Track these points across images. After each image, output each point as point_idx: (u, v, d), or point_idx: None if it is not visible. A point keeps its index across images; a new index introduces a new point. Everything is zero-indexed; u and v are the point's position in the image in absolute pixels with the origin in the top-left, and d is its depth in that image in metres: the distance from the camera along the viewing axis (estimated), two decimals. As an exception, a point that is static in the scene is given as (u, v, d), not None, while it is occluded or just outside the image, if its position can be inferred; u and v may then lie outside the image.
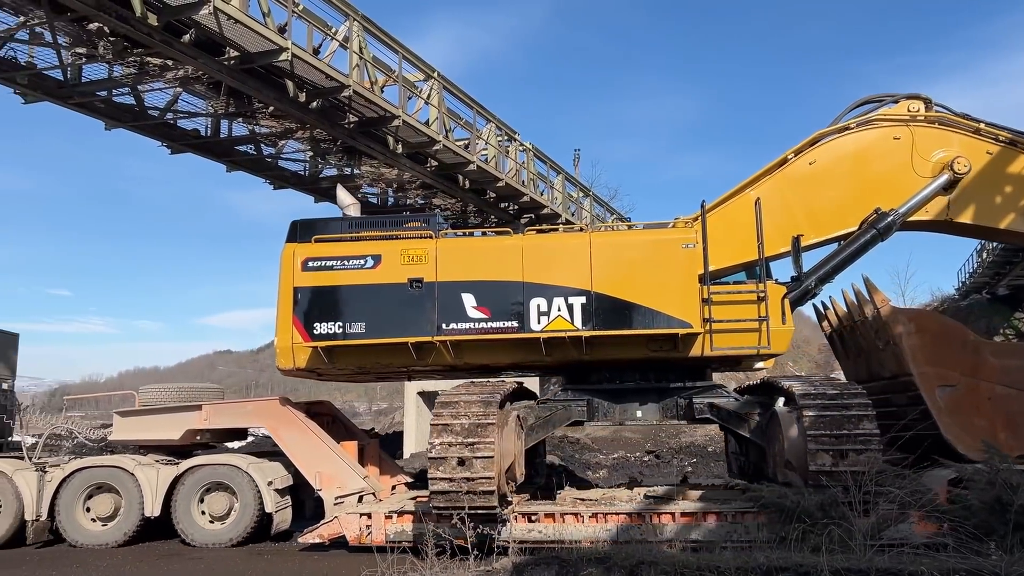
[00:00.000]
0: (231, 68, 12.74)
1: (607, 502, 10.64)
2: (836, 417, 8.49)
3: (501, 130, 20.26)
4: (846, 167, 11.38)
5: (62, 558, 10.58)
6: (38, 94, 13.71)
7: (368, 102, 14.78)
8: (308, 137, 15.97)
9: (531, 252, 10.44)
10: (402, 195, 19.67)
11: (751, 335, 10.03)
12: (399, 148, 16.52)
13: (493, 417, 8.90)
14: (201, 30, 11.79)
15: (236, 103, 14.68)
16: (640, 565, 7.24)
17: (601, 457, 22.59)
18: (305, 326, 10.52)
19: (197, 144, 16.53)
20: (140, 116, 15.16)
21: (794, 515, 8.21)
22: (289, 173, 18.80)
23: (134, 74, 13.24)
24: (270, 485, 11.29)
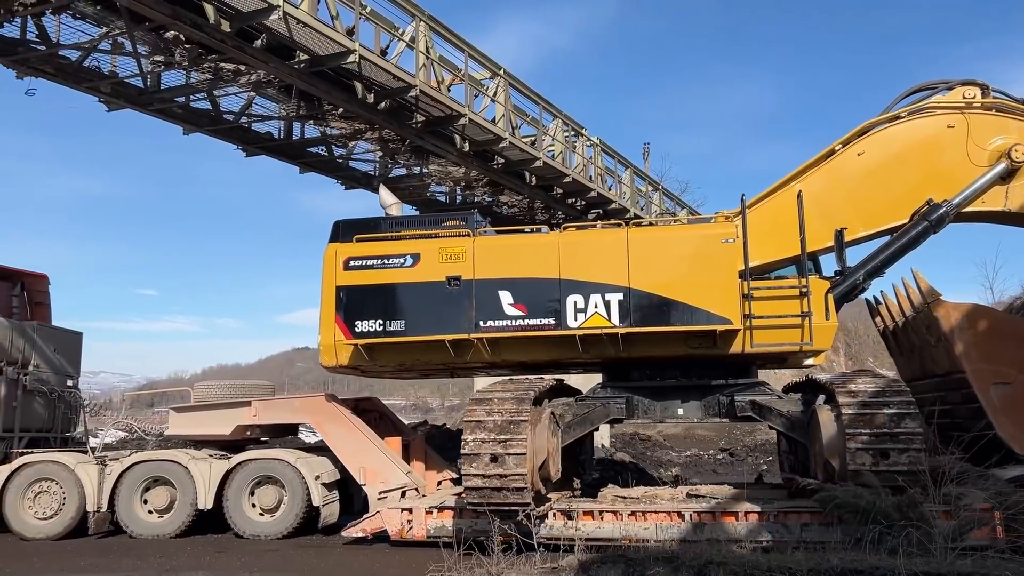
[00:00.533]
0: (301, 71, 13.04)
1: (647, 500, 10.57)
2: (876, 415, 8.24)
3: (568, 125, 20.18)
4: (897, 157, 11.01)
5: (121, 548, 11.03)
6: (120, 102, 14.27)
7: (435, 101, 14.92)
8: (377, 138, 16.17)
9: (567, 249, 10.42)
10: (469, 193, 19.82)
11: (793, 331, 9.80)
12: (466, 146, 16.63)
13: (526, 414, 8.93)
14: (272, 35, 12.09)
15: (307, 106, 15.03)
16: (708, 565, 7.12)
17: (673, 455, 22.38)
18: (347, 324, 10.72)
19: (271, 146, 16.98)
20: (216, 120, 15.63)
21: (870, 516, 7.98)
22: (360, 173, 19.15)
23: (209, 80, 13.68)
24: (317, 479, 11.54)
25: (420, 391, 78.09)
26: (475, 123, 16.01)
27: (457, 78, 16.14)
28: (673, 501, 10.40)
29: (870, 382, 8.84)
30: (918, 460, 8.06)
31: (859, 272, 10.79)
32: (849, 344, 37.12)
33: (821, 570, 6.74)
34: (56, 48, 12.50)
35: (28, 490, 11.82)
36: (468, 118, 15.66)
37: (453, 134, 16.29)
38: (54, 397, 13.01)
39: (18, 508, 11.75)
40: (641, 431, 23.31)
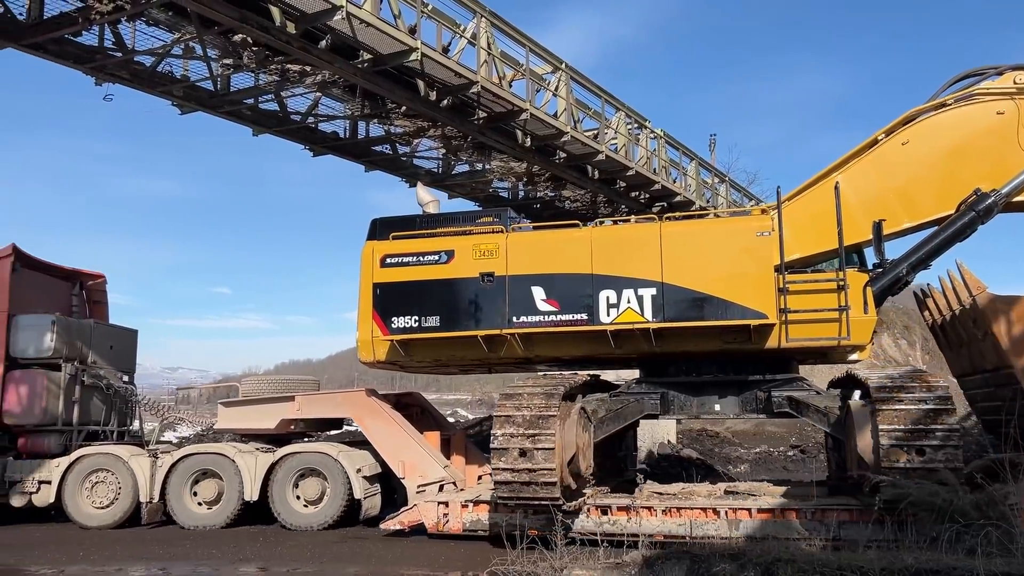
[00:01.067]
0: (365, 71, 13.24)
1: (684, 497, 10.50)
2: (912, 411, 8.03)
3: (631, 118, 20.02)
4: (943, 146, 10.67)
5: (171, 538, 11.44)
6: (192, 105, 14.74)
7: (496, 97, 15.00)
8: (440, 135, 16.33)
9: (600, 244, 10.39)
10: (531, 188, 19.91)
11: (830, 326, 9.60)
12: (527, 141, 16.70)
13: (555, 409, 8.96)
14: (336, 35, 12.33)
15: (371, 105, 15.29)
16: (776, 563, 7.00)
17: (742, 451, 21.98)
18: (383, 320, 10.91)
19: (337, 146, 17.30)
20: (284, 121, 16.00)
21: (946, 515, 7.75)
22: (423, 170, 19.39)
23: (276, 81, 14.02)
24: (359, 472, 11.76)
25: (486, 387, 78.47)
26: (537, 118, 16.02)
27: (519, 73, 16.16)
28: (710, 498, 10.32)
29: (907, 377, 8.61)
30: (955, 457, 7.82)
31: (903, 265, 10.51)
32: (927, 338, 35.96)
33: (894, 569, 6.54)
34: (131, 54, 12.98)
35: (86, 480, 12.33)
36: (530, 113, 15.68)
37: (515, 129, 16.35)
38: (110, 392, 13.54)
39: (77, 497, 12.28)
40: (708, 427, 22.92)
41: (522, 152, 17.08)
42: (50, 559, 10.03)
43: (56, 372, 12.73)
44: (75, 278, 14.46)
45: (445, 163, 19.14)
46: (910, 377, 8.59)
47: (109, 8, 11.00)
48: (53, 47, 12.27)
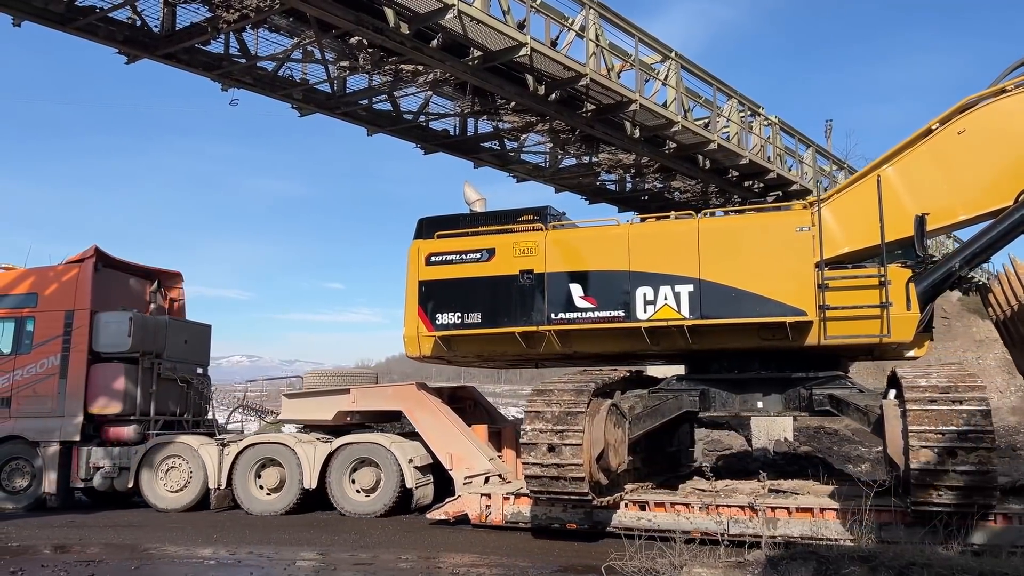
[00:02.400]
0: (475, 68, 13.57)
1: (726, 494, 10.46)
2: (944, 412, 7.78)
3: (743, 105, 19.77)
4: (1001, 135, 10.17)
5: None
6: (311, 107, 15.40)
7: (605, 89, 15.08)
8: (548, 129, 16.51)
9: (637, 241, 10.43)
10: (639, 180, 19.95)
11: (871, 323, 9.36)
12: (636, 132, 16.74)
13: (583, 406, 9.09)
14: (447, 34, 12.70)
15: (480, 101, 15.61)
16: (910, 567, 6.86)
17: (863, 450, 21.36)
18: (429, 316, 11.24)
19: (447, 143, 17.74)
20: (397, 120, 16.53)
21: None
22: (531, 166, 19.70)
23: (390, 81, 14.52)
24: (410, 462, 12.17)
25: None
26: (646, 108, 16.01)
27: (627, 64, 16.20)
28: (750, 496, 10.24)
29: (943, 376, 8.33)
30: (988, 460, 7.55)
31: (956, 259, 10.14)
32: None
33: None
34: (255, 60, 13.71)
35: (161, 466, 13.19)
36: (639, 104, 15.68)
37: (623, 121, 16.40)
38: (184, 384, 14.41)
39: (152, 482, 13.16)
40: (826, 424, 22.35)
41: (630, 143, 17.11)
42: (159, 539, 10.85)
43: (134, 365, 13.63)
44: (154, 277, 15.40)
45: (552, 157, 19.36)
46: (946, 376, 8.31)
47: (235, 17, 11.71)
48: (184, 56, 13.05)
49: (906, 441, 7.91)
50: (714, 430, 20.39)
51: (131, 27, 12.30)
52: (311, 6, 11.42)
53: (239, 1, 11.42)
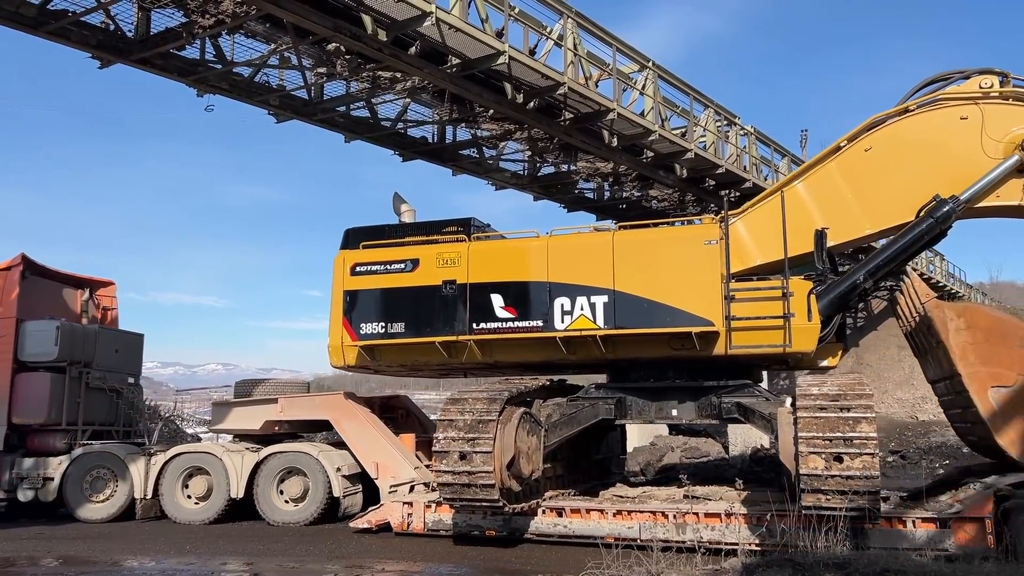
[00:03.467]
0: (453, 75, 13.66)
1: (641, 500, 10.72)
2: (831, 419, 8.11)
3: (720, 115, 20.07)
4: (906, 152, 10.63)
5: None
6: (288, 113, 15.39)
7: (583, 98, 15.25)
8: (526, 137, 16.66)
9: (556, 252, 10.68)
10: (618, 188, 20.13)
11: (774, 333, 9.70)
12: (614, 141, 16.91)
13: (495, 414, 9.28)
14: (425, 41, 12.77)
15: (459, 109, 15.75)
16: (885, 573, 7.01)
17: None
18: (353, 326, 11.37)
19: (425, 151, 17.82)
20: (375, 127, 16.56)
21: None
22: (509, 174, 19.79)
23: (368, 88, 14.51)
24: (338, 471, 12.26)
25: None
26: (623, 117, 16.20)
27: (605, 73, 16.39)
28: (663, 501, 10.52)
29: (835, 384, 8.68)
30: (872, 466, 7.88)
31: (860, 272, 10.53)
32: None
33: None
34: (231, 65, 13.65)
35: (86, 476, 13.09)
36: (616, 112, 15.87)
37: (601, 129, 16.58)
38: (114, 394, 14.32)
39: (77, 492, 13.05)
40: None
41: (608, 152, 17.31)
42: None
43: (61, 375, 13.52)
44: (85, 285, 15.29)
45: (531, 165, 19.53)
46: (838, 385, 8.65)
47: (211, 22, 11.69)
48: (159, 61, 13.01)
49: (796, 447, 8.22)
50: (692, 437, 20.67)
51: (104, 31, 12.28)
52: (288, 12, 11.50)
53: (215, 6, 11.45)
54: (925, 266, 37.15)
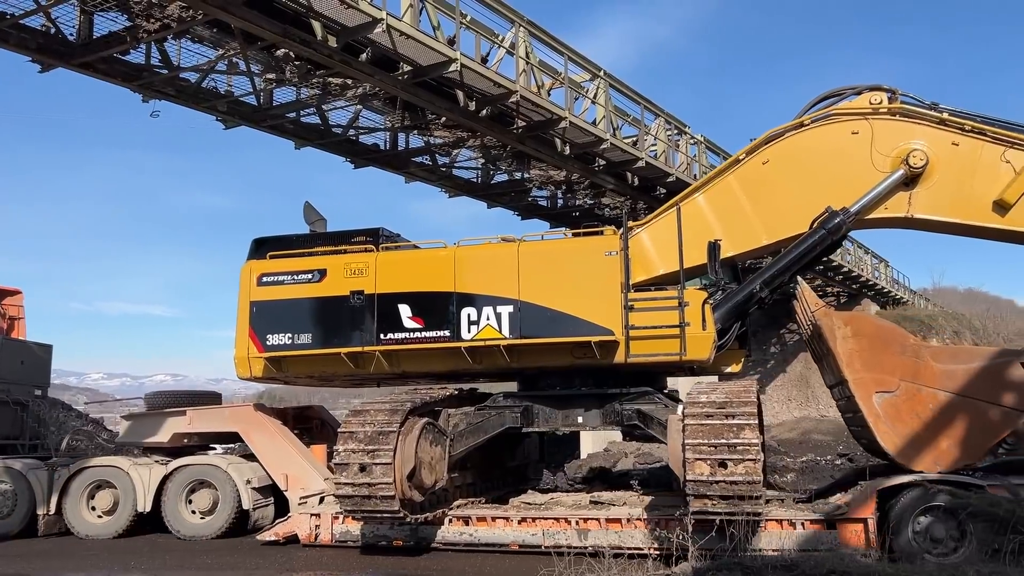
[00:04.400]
0: (405, 83, 13.58)
1: (548, 507, 10.86)
2: (717, 425, 8.37)
3: (670, 124, 20.27)
4: (800, 165, 11.02)
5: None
6: (236, 119, 15.16)
7: (535, 106, 15.29)
8: (479, 145, 16.70)
9: (463, 263, 10.76)
10: (571, 196, 20.19)
11: (670, 342, 9.94)
12: (566, 150, 16.99)
13: (395, 425, 9.32)
14: (376, 48, 12.66)
15: (411, 116, 15.66)
16: (831, 574, 7.15)
17: (788, 460, 22.02)
18: (259, 337, 11.27)
19: (378, 158, 17.73)
20: (325, 134, 16.41)
21: (1009, 525, 7.85)
22: (463, 181, 19.78)
23: (318, 95, 14.43)
24: (248, 484, 12.12)
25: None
26: (576, 126, 16.35)
27: (557, 82, 16.47)
28: (569, 508, 10.68)
29: (723, 392, 8.95)
30: (754, 471, 8.15)
31: (756, 281, 10.87)
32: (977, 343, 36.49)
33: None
34: (177, 71, 13.42)
35: (-16, 493, 12.69)
36: (568, 121, 16.01)
37: (554, 138, 16.72)
38: (19, 407, 13.92)
39: (-25, 510, 12.65)
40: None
41: (561, 160, 17.44)
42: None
43: (-41, 387, 13.11)
44: (-11, 295, 14.86)
45: (484, 173, 19.56)
46: (726, 392, 8.92)
47: (156, 27, 11.50)
48: (102, 66, 12.71)
49: (684, 453, 8.45)
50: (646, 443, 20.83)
51: (45, 35, 11.98)
52: (236, 17, 11.35)
53: (160, 10, 11.31)
54: (870, 272, 38.20)
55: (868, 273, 37.84)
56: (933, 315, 44.19)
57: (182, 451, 13.22)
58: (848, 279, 35.97)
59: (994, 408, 9.34)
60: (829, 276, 34.46)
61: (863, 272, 36.80)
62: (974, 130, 10.46)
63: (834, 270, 33.48)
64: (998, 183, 10.29)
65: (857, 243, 34.64)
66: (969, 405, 9.41)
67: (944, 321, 41.26)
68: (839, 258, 32.28)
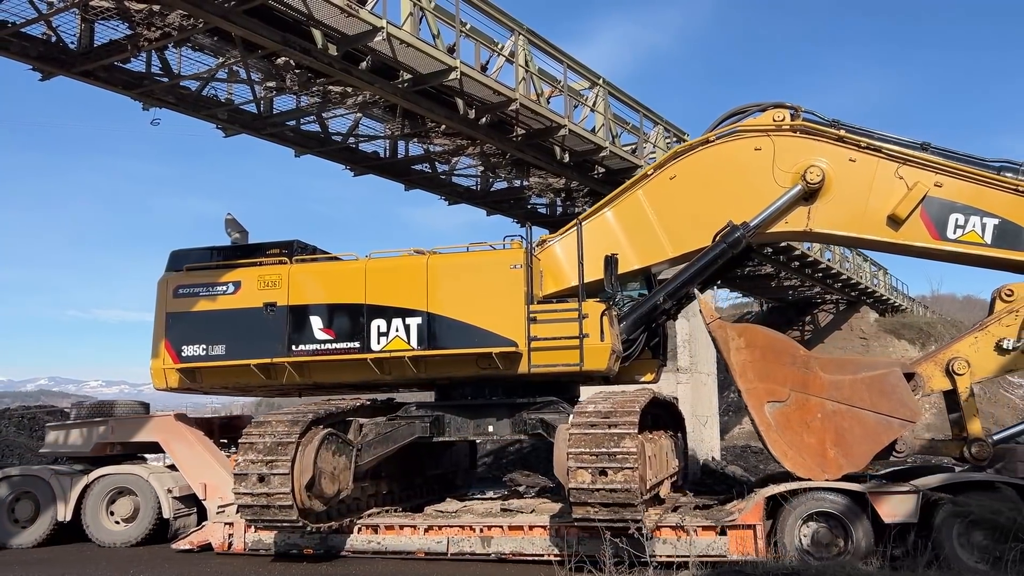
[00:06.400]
0: (405, 90, 13.64)
1: (458, 515, 11.08)
2: (599, 435, 8.62)
3: (669, 131, 20.37)
4: (705, 180, 11.32)
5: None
6: (236, 127, 15.10)
7: (534, 114, 15.36)
8: (479, 152, 16.70)
9: (373, 275, 10.95)
10: (570, 204, 20.26)
11: (570, 352, 10.19)
12: (565, 157, 17.07)
13: (295, 436, 9.50)
14: (376, 56, 12.72)
15: (411, 124, 15.65)
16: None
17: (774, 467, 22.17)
18: (175, 349, 11.40)
19: (377, 165, 17.74)
20: (325, 142, 16.39)
21: (1010, 533, 7.91)
22: (462, 188, 19.78)
23: (318, 103, 14.42)
24: (169, 493, 12.26)
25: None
26: (575, 134, 16.41)
27: (556, 90, 16.55)
28: (480, 516, 10.90)
29: (609, 402, 9.21)
30: (631, 479, 8.41)
31: (660, 293, 11.16)
32: None
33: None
34: (178, 79, 13.37)
35: None
36: (568, 129, 16.07)
37: (553, 146, 16.77)
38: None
39: None
40: (752, 443, 22.99)
41: (560, 168, 17.51)
42: None
43: None
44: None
45: (483, 180, 19.60)
46: (612, 403, 9.18)
47: (157, 35, 11.48)
48: (103, 74, 12.68)
49: (567, 462, 8.70)
50: None
51: (46, 43, 11.96)
52: (236, 26, 11.40)
53: (161, 19, 11.30)
54: (869, 280, 38.47)
55: (867, 280, 38.09)
56: (931, 322, 44.65)
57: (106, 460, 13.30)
58: (847, 286, 36.19)
59: (876, 417, 9.68)
60: (828, 283, 34.63)
61: (862, 279, 37.06)
62: (870, 147, 10.81)
63: (833, 277, 33.61)
64: (892, 198, 10.65)
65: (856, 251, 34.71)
66: (854, 414, 9.74)
67: (943, 328, 41.68)
68: (837, 265, 32.47)
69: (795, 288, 36.09)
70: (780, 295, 39.01)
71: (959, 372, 10.13)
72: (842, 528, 9.29)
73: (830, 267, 31.88)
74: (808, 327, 42.28)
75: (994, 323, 10.27)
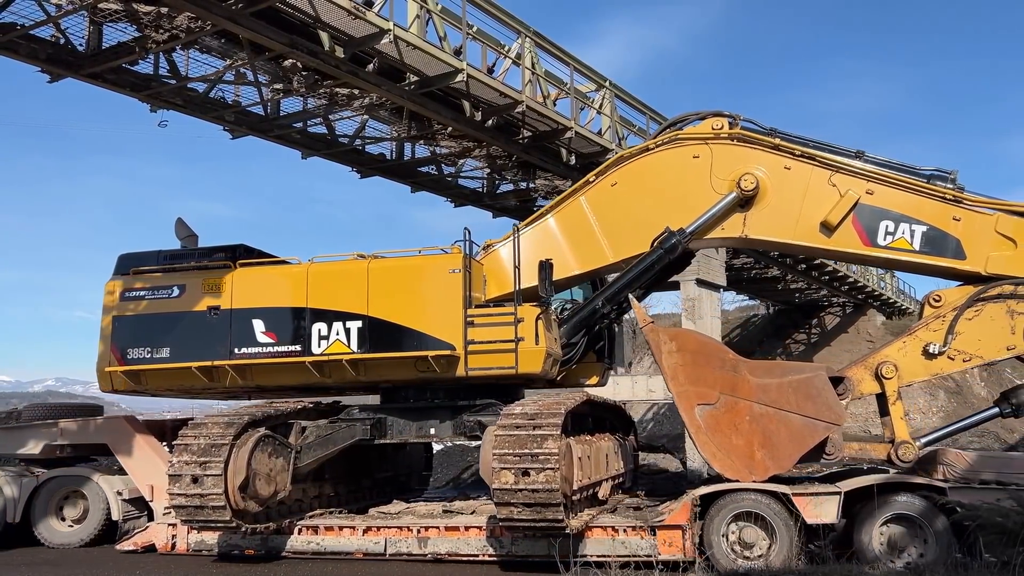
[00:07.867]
0: (411, 93, 13.70)
1: (398, 516, 11.22)
2: (523, 436, 8.79)
3: None
4: (645, 187, 11.49)
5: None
6: (243, 129, 15.19)
7: (541, 116, 15.45)
8: (485, 155, 16.82)
9: (315, 279, 11.10)
10: None
11: (505, 356, 10.35)
12: (571, 159, 17.17)
13: (229, 438, 9.64)
14: (383, 58, 12.81)
15: (417, 126, 15.77)
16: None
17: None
18: (119, 351, 11.51)
19: (383, 167, 17.86)
20: (332, 144, 16.48)
21: (1018, 538, 7.88)
22: (468, 191, 19.89)
23: (325, 105, 14.50)
24: (119, 495, 12.36)
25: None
26: (581, 136, 16.53)
27: (563, 92, 16.65)
28: (420, 517, 11.05)
29: (536, 405, 9.38)
30: (553, 480, 8.57)
31: (599, 298, 11.34)
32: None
33: None
34: (185, 81, 13.44)
35: None
36: (574, 131, 16.19)
37: (559, 148, 16.88)
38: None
39: None
40: None
41: (566, 170, 17.61)
42: None
43: None
44: None
45: (490, 182, 19.69)
46: (539, 406, 9.35)
47: (164, 37, 11.57)
48: (111, 76, 12.76)
49: (492, 463, 8.86)
50: (651, 453, 21.15)
51: (54, 45, 12.04)
52: (243, 28, 11.47)
53: (169, 21, 11.38)
54: (876, 283, 38.50)
55: (874, 283, 38.13)
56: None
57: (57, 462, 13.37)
58: (854, 289, 36.31)
59: (802, 419, 9.88)
60: (835, 286, 34.71)
61: (868, 282, 37.17)
62: (804, 155, 11.01)
63: (840, 280, 33.67)
64: (825, 206, 10.84)
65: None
66: (780, 417, 9.94)
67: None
68: (844, 268, 32.50)
69: (802, 291, 36.20)
70: (787, 298, 39.12)
71: (887, 376, 10.33)
72: (767, 528, 9.48)
73: (836, 269, 31.83)
74: (815, 330, 42.35)
75: (922, 328, 10.48)
